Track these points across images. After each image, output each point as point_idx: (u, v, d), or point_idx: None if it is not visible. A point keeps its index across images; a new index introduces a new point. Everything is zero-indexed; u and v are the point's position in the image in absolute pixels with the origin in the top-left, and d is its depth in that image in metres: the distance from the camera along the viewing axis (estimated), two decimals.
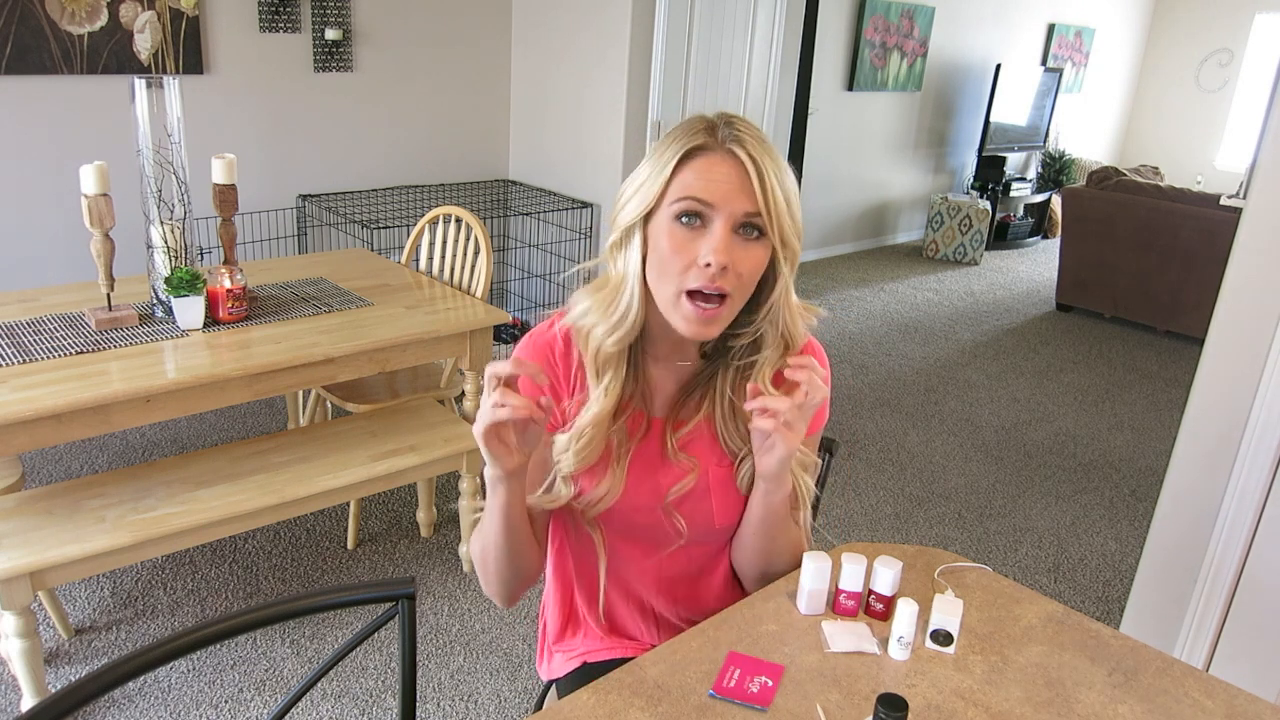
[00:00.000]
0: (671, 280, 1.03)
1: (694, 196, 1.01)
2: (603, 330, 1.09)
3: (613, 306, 1.08)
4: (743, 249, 1.02)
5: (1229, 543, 1.98)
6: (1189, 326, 5.26)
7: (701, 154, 1.02)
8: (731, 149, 1.01)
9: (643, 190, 1.05)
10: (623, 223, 1.07)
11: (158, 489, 2.11)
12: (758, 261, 1.04)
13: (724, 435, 1.17)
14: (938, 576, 1.27)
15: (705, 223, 1.02)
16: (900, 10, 6.34)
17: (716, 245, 1.00)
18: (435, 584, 2.57)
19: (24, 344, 2.06)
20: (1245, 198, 1.93)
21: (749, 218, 1.01)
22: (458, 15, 4.13)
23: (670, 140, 1.04)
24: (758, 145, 1.01)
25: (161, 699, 2.09)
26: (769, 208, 1.01)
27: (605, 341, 1.09)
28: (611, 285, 1.10)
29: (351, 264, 2.87)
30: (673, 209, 1.02)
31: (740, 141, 1.01)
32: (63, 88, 3.19)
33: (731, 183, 1.00)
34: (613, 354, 1.10)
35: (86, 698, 0.85)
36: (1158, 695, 1.06)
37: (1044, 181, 7.77)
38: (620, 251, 1.09)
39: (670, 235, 1.03)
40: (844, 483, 3.34)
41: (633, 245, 1.07)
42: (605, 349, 1.09)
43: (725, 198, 1.00)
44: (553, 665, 1.34)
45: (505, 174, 4.54)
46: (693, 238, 1.02)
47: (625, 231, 1.07)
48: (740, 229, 1.02)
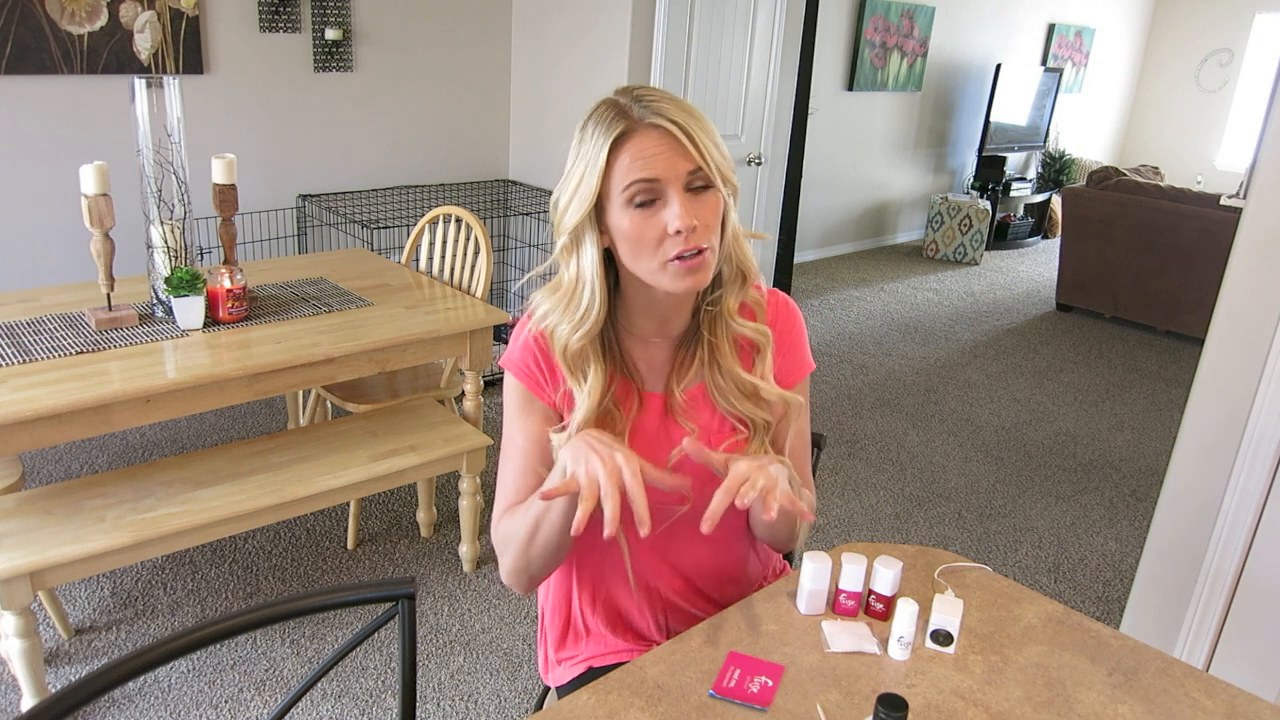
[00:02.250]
0: (650, 256, 1.07)
1: (641, 179, 1.04)
2: (566, 329, 1.12)
3: (573, 305, 1.12)
4: (698, 204, 1.06)
5: (1229, 543, 1.98)
6: (1189, 326, 5.25)
7: (628, 138, 1.04)
8: (653, 122, 1.04)
9: (581, 190, 1.07)
10: (569, 226, 1.09)
11: (158, 489, 2.11)
12: (715, 208, 1.08)
13: (720, 400, 1.19)
14: (938, 576, 1.27)
15: (659, 196, 1.05)
16: (900, 10, 6.34)
17: (679, 212, 1.04)
18: (435, 584, 2.57)
19: (24, 344, 2.06)
20: (1245, 198, 1.93)
21: (693, 176, 1.05)
22: (457, 15, 4.13)
23: (589, 134, 1.07)
24: (673, 108, 1.05)
25: (161, 699, 2.09)
26: (706, 159, 1.05)
27: (570, 339, 1.12)
28: (567, 286, 1.13)
29: (351, 264, 2.87)
30: (624, 196, 1.05)
31: (657, 111, 1.04)
32: (63, 88, 3.19)
33: (666, 152, 1.04)
34: (578, 349, 1.13)
35: (86, 698, 0.85)
36: (1158, 695, 1.06)
37: (1044, 181, 7.77)
38: (573, 254, 1.11)
39: (632, 221, 1.06)
40: (844, 483, 3.34)
41: (585, 244, 1.10)
42: (571, 346, 1.12)
43: (667, 166, 1.04)
44: (556, 673, 1.34)
45: (505, 174, 4.54)
46: (653, 214, 1.06)
47: (574, 233, 1.10)
48: (690, 189, 1.06)
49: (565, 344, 1.12)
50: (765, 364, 1.19)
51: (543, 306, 1.15)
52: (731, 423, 1.19)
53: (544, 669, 1.37)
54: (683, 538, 1.22)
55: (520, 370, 1.18)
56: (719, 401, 1.19)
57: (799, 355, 1.24)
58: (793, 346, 1.24)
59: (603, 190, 1.06)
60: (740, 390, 1.18)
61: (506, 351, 1.21)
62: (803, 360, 1.25)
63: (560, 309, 1.13)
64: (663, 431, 1.19)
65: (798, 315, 1.26)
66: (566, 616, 1.32)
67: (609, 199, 1.07)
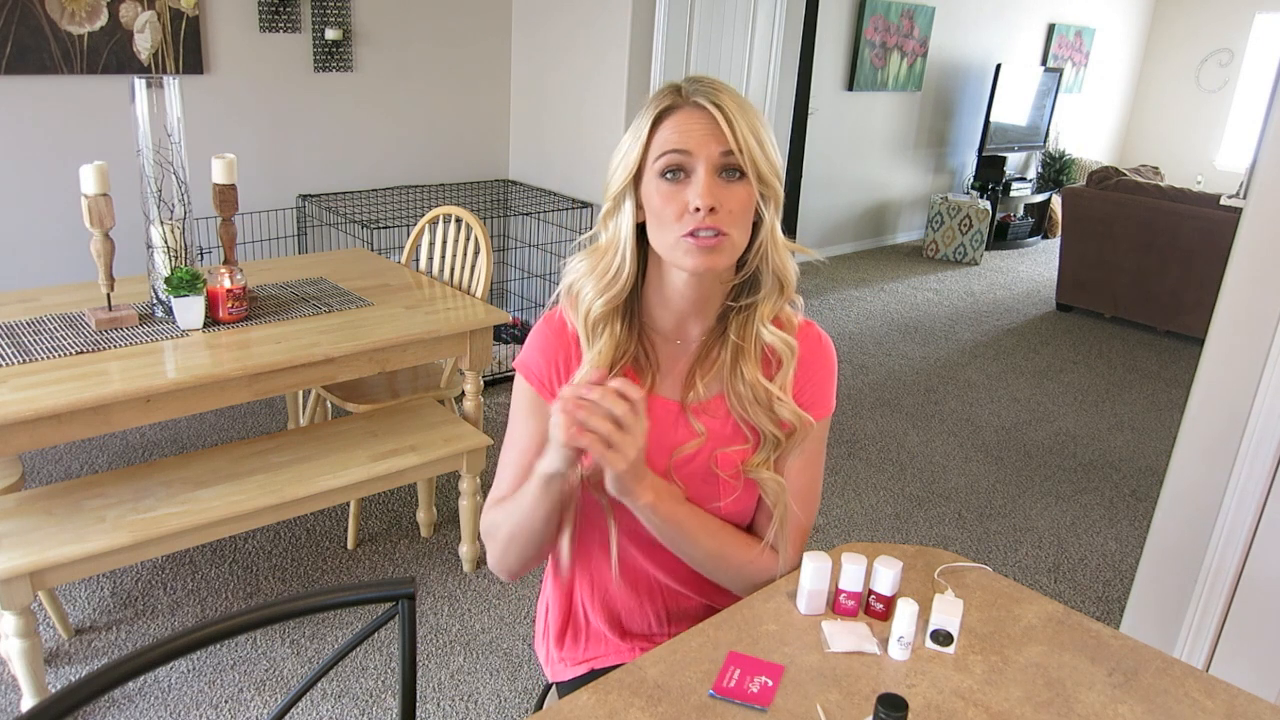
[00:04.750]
0: (669, 230, 1.09)
1: (672, 149, 1.07)
2: (592, 290, 1.15)
3: (603, 265, 1.14)
4: (726, 189, 1.07)
5: (1229, 543, 1.98)
6: (1189, 326, 5.25)
7: (672, 112, 1.09)
8: (698, 101, 1.07)
9: (625, 158, 1.11)
10: (612, 191, 1.13)
11: (158, 489, 2.11)
12: (744, 199, 1.09)
13: (735, 403, 1.18)
14: (938, 576, 1.27)
15: (688, 172, 1.08)
16: (900, 10, 6.34)
17: (701, 190, 1.06)
18: (435, 584, 2.57)
19: (24, 344, 2.06)
20: (1245, 198, 1.93)
21: (725, 158, 1.07)
22: (457, 15, 4.13)
23: (644, 109, 1.11)
24: (723, 94, 1.08)
25: (161, 699, 2.09)
26: (740, 146, 1.06)
27: (595, 302, 1.14)
28: (602, 247, 1.16)
29: (351, 264, 2.87)
30: (656, 166, 1.09)
31: (705, 93, 1.07)
32: (63, 88, 3.19)
33: (703, 129, 1.07)
34: (602, 314, 1.14)
35: (86, 698, 0.85)
36: (1158, 695, 1.06)
37: (1044, 181, 7.77)
38: (612, 218, 1.15)
39: (659, 191, 1.09)
40: (844, 483, 3.34)
41: (623, 210, 1.13)
42: (595, 310, 1.14)
43: (700, 142, 1.06)
44: (557, 670, 1.34)
45: (505, 174, 4.54)
46: (679, 189, 1.08)
47: (615, 199, 1.14)
48: (722, 172, 1.08)
49: (589, 307, 1.14)
50: (786, 377, 1.17)
51: (577, 263, 1.18)
52: (743, 431, 1.19)
53: (545, 659, 1.38)
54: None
55: (532, 372, 1.19)
56: (733, 404, 1.18)
57: (822, 394, 1.21)
58: (817, 384, 1.21)
59: (642, 160, 1.10)
60: (756, 397, 1.17)
61: (521, 353, 1.22)
62: (825, 399, 1.22)
63: (592, 268, 1.15)
64: (671, 432, 1.19)
65: (831, 354, 1.23)
66: (568, 611, 1.32)
67: (645, 169, 1.10)
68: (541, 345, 1.20)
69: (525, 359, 1.21)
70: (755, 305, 1.17)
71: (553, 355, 1.19)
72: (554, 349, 1.19)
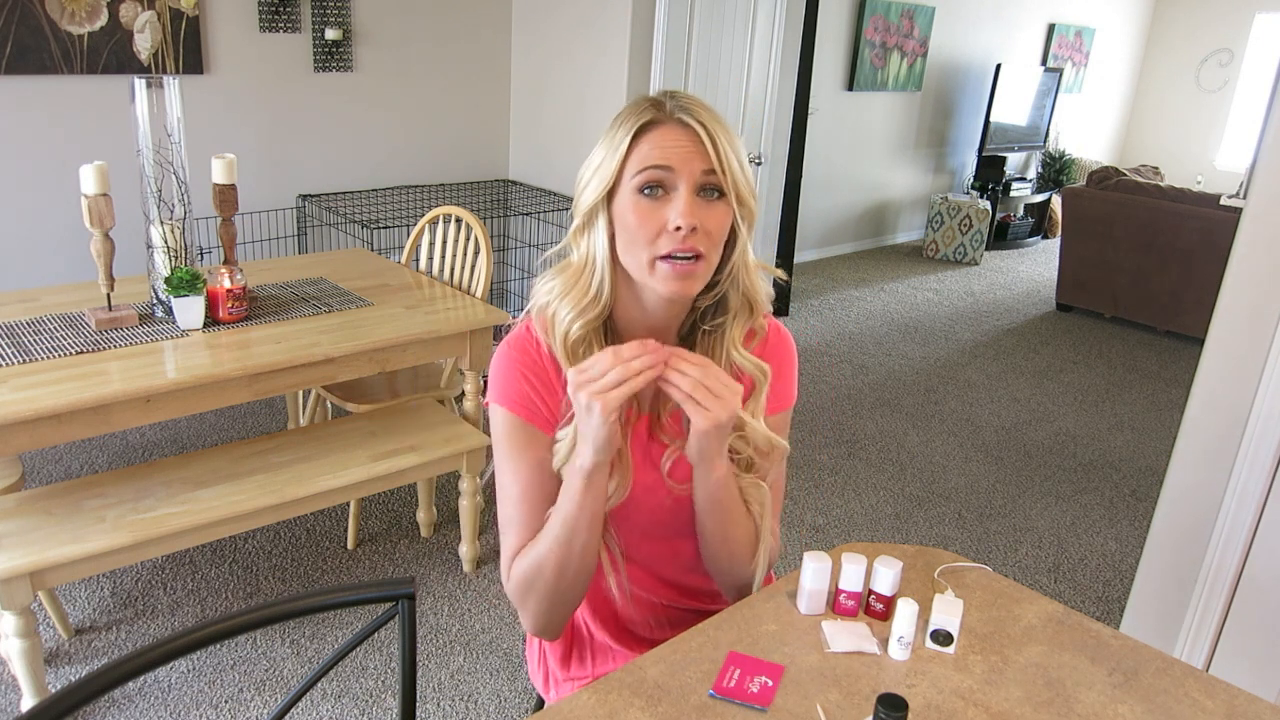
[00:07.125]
0: (643, 249, 1.05)
1: (654, 165, 1.04)
2: (568, 313, 1.10)
3: (580, 287, 1.10)
4: (706, 209, 1.05)
5: (1229, 543, 1.98)
6: (1189, 326, 5.25)
7: (653, 127, 1.05)
8: (680, 118, 1.05)
9: (600, 171, 1.07)
10: (585, 206, 1.09)
11: (158, 489, 2.11)
12: (722, 220, 1.07)
13: None
14: (938, 576, 1.27)
15: (668, 190, 1.05)
16: (900, 10, 6.34)
17: (683, 209, 1.03)
18: (435, 584, 2.57)
19: (24, 344, 2.06)
20: (1245, 198, 1.93)
21: (707, 177, 1.05)
22: (457, 15, 4.13)
23: (620, 121, 1.07)
24: (704, 112, 1.06)
25: (161, 699, 2.09)
26: (723, 166, 1.04)
27: (572, 326, 1.10)
28: (575, 268, 1.11)
29: (351, 264, 2.87)
30: (635, 182, 1.05)
31: (688, 110, 1.05)
32: (63, 88, 3.19)
33: (686, 147, 1.04)
34: (580, 336, 1.10)
35: (86, 698, 0.85)
36: (1158, 695, 1.06)
37: (1044, 181, 7.76)
38: (585, 235, 1.11)
39: (636, 208, 1.05)
40: (844, 483, 3.34)
41: (597, 227, 1.09)
42: (573, 333, 1.10)
43: (683, 160, 1.04)
44: (562, 689, 1.30)
45: (505, 174, 4.54)
46: (658, 206, 1.05)
47: (588, 214, 1.09)
48: (701, 191, 1.05)
49: (567, 330, 1.09)
50: (759, 403, 1.16)
51: (547, 284, 1.13)
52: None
53: (544, 686, 1.34)
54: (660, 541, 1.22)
55: (515, 400, 1.12)
56: None
57: (783, 387, 1.22)
58: (778, 377, 1.20)
59: (619, 175, 1.06)
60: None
61: (490, 387, 1.14)
62: (786, 392, 1.22)
63: (567, 290, 1.11)
64: (645, 451, 1.17)
65: (791, 348, 1.24)
66: (570, 634, 1.30)
67: (622, 184, 1.06)
68: (517, 371, 1.13)
69: (502, 390, 1.13)
70: (723, 327, 1.15)
71: (531, 379, 1.12)
72: (530, 371, 1.13)
